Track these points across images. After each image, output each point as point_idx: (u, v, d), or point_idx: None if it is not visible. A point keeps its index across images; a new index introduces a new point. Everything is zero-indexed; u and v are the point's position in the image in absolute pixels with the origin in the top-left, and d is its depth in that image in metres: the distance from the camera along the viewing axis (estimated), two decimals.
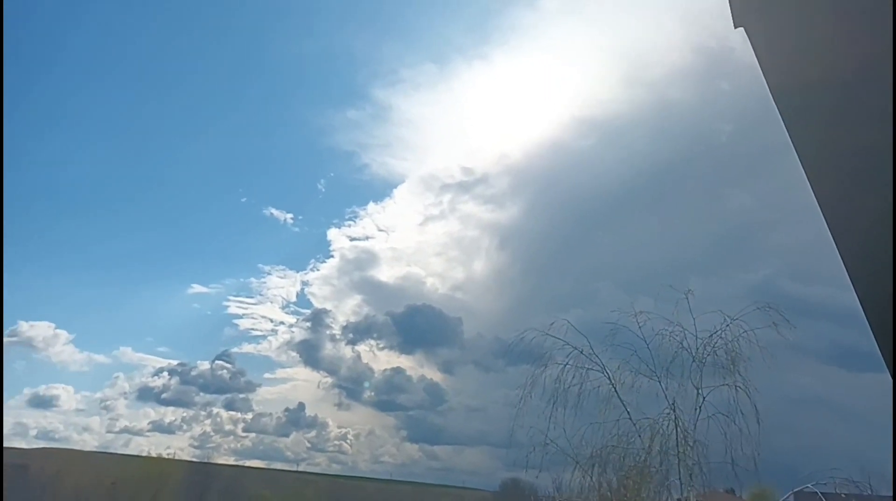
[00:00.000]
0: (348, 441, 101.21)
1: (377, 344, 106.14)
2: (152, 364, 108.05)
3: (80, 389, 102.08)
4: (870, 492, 11.80)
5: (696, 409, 11.24)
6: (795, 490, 11.44)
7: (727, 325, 11.25)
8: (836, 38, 1.83)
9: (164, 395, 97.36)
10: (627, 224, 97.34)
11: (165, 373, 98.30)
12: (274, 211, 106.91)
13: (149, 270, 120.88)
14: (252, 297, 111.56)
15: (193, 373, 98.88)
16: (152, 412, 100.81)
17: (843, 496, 11.65)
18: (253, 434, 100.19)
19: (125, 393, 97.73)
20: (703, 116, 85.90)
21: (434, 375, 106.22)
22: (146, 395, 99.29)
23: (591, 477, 12.37)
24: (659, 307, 12.13)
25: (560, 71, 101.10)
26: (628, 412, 11.55)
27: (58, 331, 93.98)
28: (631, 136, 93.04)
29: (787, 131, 2.24)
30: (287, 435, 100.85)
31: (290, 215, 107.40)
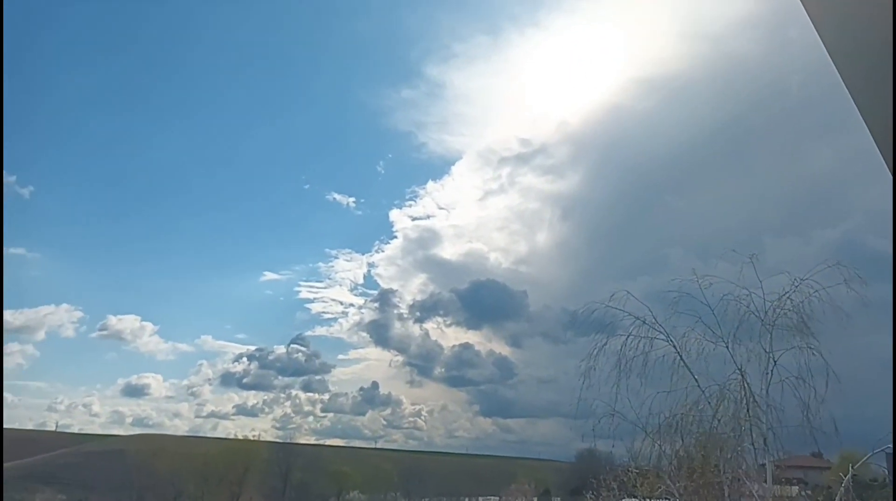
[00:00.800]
0: (422, 418, 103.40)
1: (444, 321, 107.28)
2: (232, 351, 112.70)
3: (168, 377, 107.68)
4: None
5: (766, 373, 10.95)
6: (879, 449, 10.99)
7: (797, 286, 10.87)
8: None
9: (245, 380, 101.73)
10: (697, 187, 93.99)
11: (245, 359, 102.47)
12: (336, 196, 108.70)
13: (221, 259, 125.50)
14: (321, 281, 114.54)
15: (271, 358, 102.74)
16: (236, 397, 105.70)
17: None
18: (331, 414, 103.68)
19: (209, 379, 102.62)
20: (771, 67, 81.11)
21: (502, 349, 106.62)
22: (229, 380, 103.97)
23: (663, 445, 12.31)
24: (730, 271, 11.83)
25: (615, 32, 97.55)
26: (696, 379, 11.37)
27: (143, 323, 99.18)
28: (694, 93, 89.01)
29: (847, 88, 2.19)
30: (363, 414, 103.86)
31: (352, 199, 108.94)
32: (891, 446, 10.82)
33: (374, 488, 76.37)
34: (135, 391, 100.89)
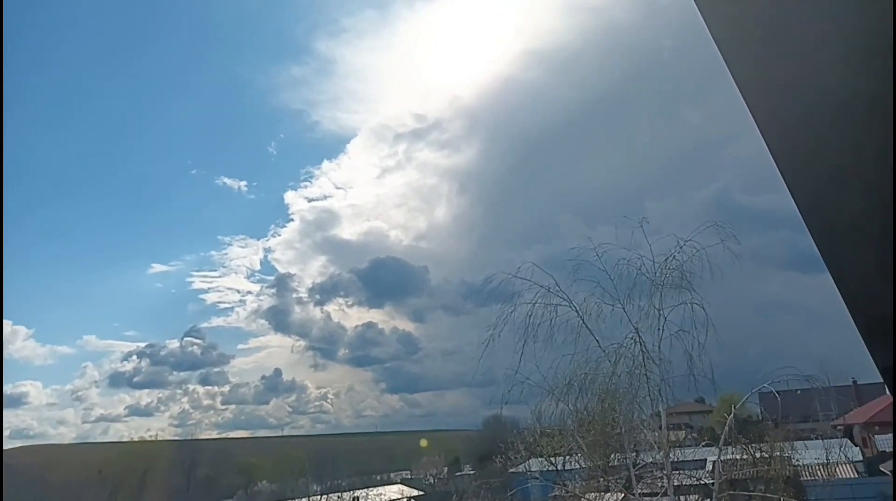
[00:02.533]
0: (329, 401, 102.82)
1: (346, 302, 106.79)
2: (120, 349, 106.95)
3: (49, 383, 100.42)
4: (826, 385, 12.66)
5: (658, 329, 11.83)
6: (754, 390, 12.21)
7: (680, 247, 11.76)
8: None
9: (136, 379, 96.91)
10: (582, 153, 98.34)
11: (135, 357, 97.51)
12: (227, 180, 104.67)
13: (105, 254, 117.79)
14: (215, 270, 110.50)
15: (163, 353, 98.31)
16: (127, 397, 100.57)
17: (797, 392, 12.55)
18: (233, 406, 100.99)
19: (96, 382, 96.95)
20: (646, 35, 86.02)
21: (406, 325, 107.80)
22: (118, 381, 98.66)
23: (567, 404, 12.99)
24: (617, 235, 12.55)
25: (504, 5, 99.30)
26: (597, 340, 12.08)
27: (15, 327, 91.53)
28: (579, 63, 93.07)
29: (718, 48, 2.33)
30: (267, 403, 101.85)
31: (243, 183, 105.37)
32: (763, 386, 12.01)
33: (283, 476, 75.04)
34: (11, 401, 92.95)
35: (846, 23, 2.13)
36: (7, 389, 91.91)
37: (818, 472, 24.82)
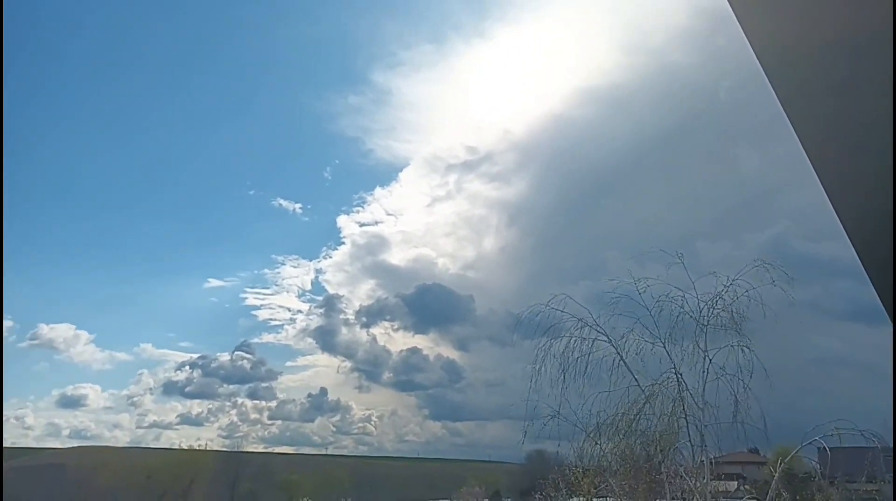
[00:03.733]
0: (372, 423, 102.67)
1: (391, 326, 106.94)
2: (174, 359, 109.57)
3: (107, 387, 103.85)
4: (882, 443, 11.86)
5: (702, 371, 11.35)
6: (805, 442, 11.50)
7: (728, 285, 11.31)
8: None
9: (188, 388, 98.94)
10: (635, 193, 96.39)
11: (187, 367, 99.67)
12: (282, 202, 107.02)
13: (164, 266, 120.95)
14: (268, 288, 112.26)
15: (214, 365, 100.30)
16: (179, 406, 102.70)
17: (860, 450, 11.78)
18: (279, 421, 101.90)
19: (150, 389, 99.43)
20: (703, 76, 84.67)
21: (450, 353, 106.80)
22: (171, 389, 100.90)
23: (606, 445, 12.59)
24: (664, 274, 12.21)
25: (560, 43, 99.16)
26: (636, 379, 11.69)
27: (78, 332, 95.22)
28: (634, 103, 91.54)
29: (777, 96, 2.23)
30: (312, 420, 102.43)
31: (298, 205, 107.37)
32: (813, 439, 11.32)
33: (325, 495, 75.27)
34: (71, 402, 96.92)
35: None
36: (68, 390, 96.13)
37: None
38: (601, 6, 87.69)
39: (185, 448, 73.16)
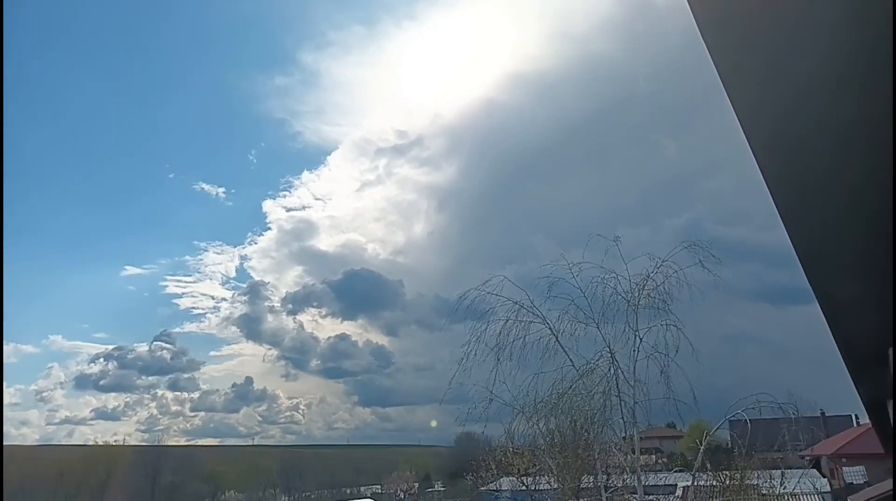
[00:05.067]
0: (300, 411, 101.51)
1: (319, 313, 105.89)
2: (87, 351, 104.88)
3: (12, 382, 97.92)
4: (795, 414, 12.66)
5: (633, 351, 11.75)
6: (728, 417, 12.16)
7: (657, 267, 11.73)
8: None
9: (102, 381, 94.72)
10: (559, 177, 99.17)
11: (102, 359, 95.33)
12: (205, 186, 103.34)
13: (76, 254, 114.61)
14: (190, 275, 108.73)
15: (131, 356, 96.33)
16: (93, 400, 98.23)
17: (767, 421, 12.53)
18: (202, 413, 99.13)
19: (62, 383, 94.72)
20: (623, 64, 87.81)
21: (379, 338, 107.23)
22: (84, 383, 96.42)
23: (540, 424, 12.85)
24: (591, 257, 12.50)
25: (490, 29, 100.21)
26: (570, 359, 11.97)
27: None
28: (560, 90, 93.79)
29: (718, 74, 2.22)
30: (237, 411, 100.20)
31: (221, 189, 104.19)
32: (736, 413, 11.98)
33: (252, 485, 73.81)
34: None
35: (844, 46, 2.05)
36: None
37: None
38: None
39: (101, 443, 70.06)
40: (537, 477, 20.34)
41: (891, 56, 1.96)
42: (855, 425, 36.14)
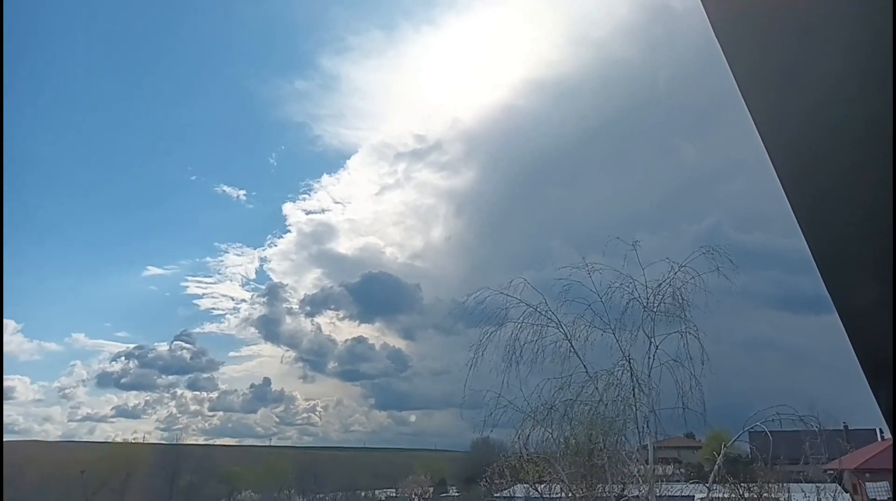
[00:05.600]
0: (317, 413, 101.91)
1: (337, 315, 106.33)
2: (109, 349, 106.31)
3: (36, 379, 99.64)
4: (817, 427, 12.34)
5: (649, 357, 11.52)
6: (747, 428, 11.86)
7: (674, 273, 11.50)
8: None
9: (123, 380, 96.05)
10: (577, 182, 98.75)
11: (123, 358, 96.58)
12: (226, 188, 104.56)
13: (100, 254, 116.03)
14: (210, 276, 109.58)
15: (152, 355, 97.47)
16: (114, 398, 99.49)
17: (788, 433, 12.20)
18: (220, 413, 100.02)
19: (84, 380, 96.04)
20: (643, 68, 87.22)
21: (396, 342, 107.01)
22: (106, 381, 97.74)
23: (552, 432, 12.64)
24: (609, 262, 12.30)
25: (508, 34, 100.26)
26: (584, 365, 11.78)
27: (4, 321, 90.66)
28: (578, 94, 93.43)
29: (735, 78, 2.14)
30: (255, 411, 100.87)
31: (242, 192, 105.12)
32: (755, 424, 11.67)
33: (268, 486, 74.11)
34: None
35: (862, 48, 1.93)
36: None
37: None
38: None
39: (121, 441, 70.95)
40: (551, 486, 20.07)
41: None
42: (879, 439, 35.27)
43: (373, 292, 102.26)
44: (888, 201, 2.97)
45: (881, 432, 36.31)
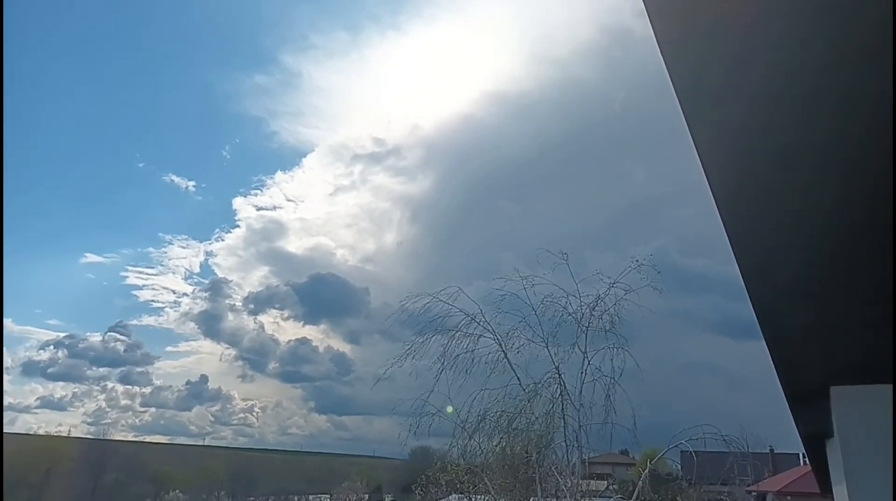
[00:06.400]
0: (254, 414, 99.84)
1: (281, 315, 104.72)
2: (38, 337, 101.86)
3: None
4: (743, 449, 12.57)
5: (581, 372, 11.55)
6: (671, 445, 12.02)
7: (609, 288, 11.59)
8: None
9: (51, 369, 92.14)
10: (530, 197, 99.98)
11: (52, 346, 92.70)
12: (175, 178, 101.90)
13: (36, 239, 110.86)
14: (152, 267, 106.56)
15: (82, 346, 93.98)
16: (40, 388, 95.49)
17: (716, 454, 12.43)
18: (152, 409, 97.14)
19: (8, 368, 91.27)
20: (600, 88, 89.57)
21: (340, 345, 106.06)
22: (32, 370, 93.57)
23: (486, 443, 12.57)
24: (555, 277, 12.34)
25: (473, 45, 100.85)
26: (517, 377, 11.75)
27: None
28: (537, 111, 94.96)
29: (679, 101, 2.11)
30: (189, 409, 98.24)
31: (192, 183, 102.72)
32: (680, 443, 11.82)
33: (198, 487, 71.99)
34: None
35: (803, 79, 1.90)
36: None
37: None
38: (513, 14, 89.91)
39: (44, 434, 67.94)
40: (484, 497, 19.99)
41: (841, 86, 1.82)
42: (802, 464, 36.51)
43: (320, 293, 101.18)
44: (817, 231, 2.93)
45: (804, 456, 37.63)
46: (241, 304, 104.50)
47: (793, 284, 3.46)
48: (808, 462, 34.85)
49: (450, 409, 12.45)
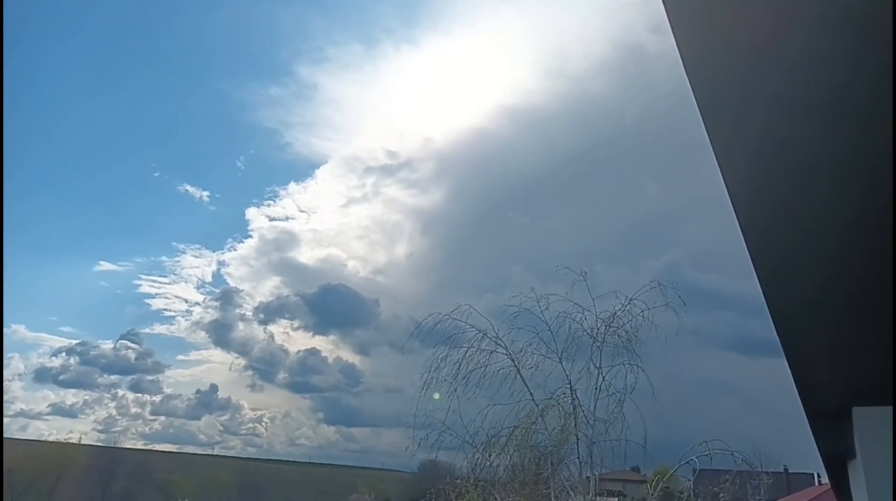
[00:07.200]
0: (263, 424, 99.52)
1: (291, 325, 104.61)
2: (50, 344, 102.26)
3: None
4: (755, 465, 12.45)
5: (595, 389, 11.49)
6: (682, 462, 11.94)
7: (625, 305, 11.54)
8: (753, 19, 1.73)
9: (62, 376, 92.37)
10: (542, 211, 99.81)
11: (64, 353, 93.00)
12: (189, 188, 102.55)
13: (49, 245, 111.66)
14: (165, 276, 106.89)
15: (94, 353, 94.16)
16: (52, 395, 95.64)
17: (730, 472, 12.29)
18: (162, 417, 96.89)
19: (20, 374, 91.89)
20: (615, 106, 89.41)
21: (350, 356, 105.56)
22: (44, 376, 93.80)
23: (494, 457, 12.51)
24: (567, 292, 12.31)
25: (487, 59, 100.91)
26: (530, 392, 11.70)
27: None
28: (550, 125, 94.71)
29: (701, 115, 2.13)
30: (199, 418, 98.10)
31: (206, 193, 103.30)
32: (689, 459, 11.73)
33: (206, 496, 71.99)
34: None
35: (822, 96, 1.91)
36: None
37: None
38: (528, 28, 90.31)
39: (55, 440, 68.28)
40: None
41: (861, 103, 1.82)
42: (817, 484, 35.98)
43: (330, 304, 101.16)
44: (839, 246, 2.92)
45: (819, 476, 37.05)
46: (251, 314, 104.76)
47: (815, 301, 3.43)
48: (821, 482, 34.39)
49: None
